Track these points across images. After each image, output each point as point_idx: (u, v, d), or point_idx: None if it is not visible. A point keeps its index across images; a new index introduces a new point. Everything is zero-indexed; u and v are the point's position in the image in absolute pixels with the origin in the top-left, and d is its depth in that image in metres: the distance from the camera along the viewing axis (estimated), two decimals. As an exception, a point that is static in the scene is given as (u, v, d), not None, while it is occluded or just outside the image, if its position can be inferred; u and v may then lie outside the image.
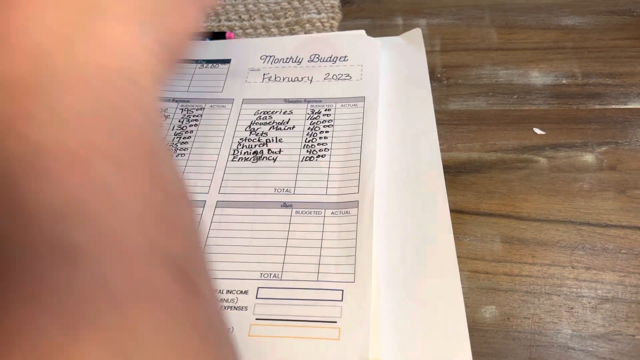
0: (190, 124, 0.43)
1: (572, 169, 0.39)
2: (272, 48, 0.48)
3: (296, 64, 0.46)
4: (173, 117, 0.43)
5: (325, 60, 0.46)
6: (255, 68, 0.46)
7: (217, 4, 0.24)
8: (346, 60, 0.45)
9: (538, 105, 0.43)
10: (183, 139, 0.42)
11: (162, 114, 0.43)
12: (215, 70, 0.47)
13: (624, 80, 0.44)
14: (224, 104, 0.44)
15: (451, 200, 0.36)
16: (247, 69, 0.46)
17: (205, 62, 0.47)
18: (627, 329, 0.31)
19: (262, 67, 0.46)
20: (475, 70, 0.47)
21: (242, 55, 0.48)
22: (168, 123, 0.43)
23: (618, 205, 0.36)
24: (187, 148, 0.41)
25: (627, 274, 0.33)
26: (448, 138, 0.41)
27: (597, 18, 0.50)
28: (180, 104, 0.44)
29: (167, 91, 0.45)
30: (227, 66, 0.47)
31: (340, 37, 0.48)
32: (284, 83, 0.45)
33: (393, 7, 0.54)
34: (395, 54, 0.47)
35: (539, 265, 0.34)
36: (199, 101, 0.44)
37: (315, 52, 0.47)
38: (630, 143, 0.40)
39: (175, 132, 0.42)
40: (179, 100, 0.44)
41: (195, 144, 0.41)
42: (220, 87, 0.45)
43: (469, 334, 0.30)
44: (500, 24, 0.51)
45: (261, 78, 0.46)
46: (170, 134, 0.42)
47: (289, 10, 0.55)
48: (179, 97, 0.45)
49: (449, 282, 0.32)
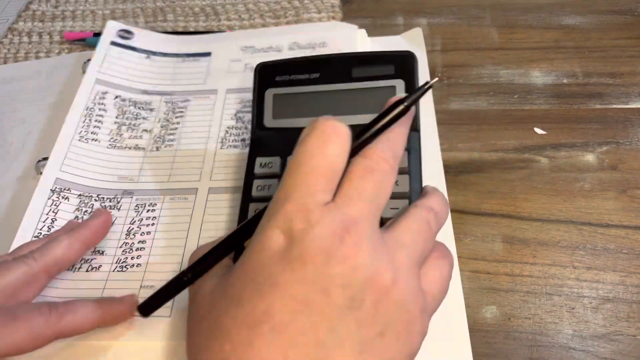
0: (177, 116, 0.43)
1: (573, 169, 0.39)
2: (252, 39, 0.48)
3: (276, 52, 0.46)
4: (158, 110, 0.43)
5: (305, 47, 0.46)
6: (236, 59, 0.47)
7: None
8: (325, 47, 0.46)
9: (539, 105, 0.43)
10: (170, 131, 0.42)
11: (147, 107, 0.43)
12: (196, 63, 0.47)
13: (625, 80, 0.44)
14: (208, 94, 0.44)
15: (452, 200, 0.36)
16: (228, 60, 0.47)
17: (186, 56, 0.47)
18: (628, 329, 0.31)
19: (243, 57, 0.46)
20: (476, 69, 0.46)
21: (222, 47, 0.48)
22: (154, 116, 0.43)
23: (619, 205, 0.36)
24: (174, 139, 0.41)
25: (629, 274, 0.33)
26: (449, 138, 0.41)
27: (598, 17, 0.50)
28: (165, 97, 0.44)
29: (150, 85, 0.45)
30: (208, 59, 0.47)
31: (318, 25, 0.48)
32: None
33: (393, 6, 0.54)
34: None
35: (540, 265, 0.34)
36: (183, 94, 0.45)
37: (294, 40, 0.47)
38: (632, 143, 0.40)
39: (161, 125, 0.42)
40: (163, 93, 0.45)
41: (183, 134, 0.42)
42: (202, 79, 0.46)
43: (469, 334, 0.30)
44: (501, 24, 0.50)
45: (243, 68, 0.46)
46: (157, 126, 0.42)
47: (289, 9, 0.55)
48: (162, 90, 0.45)
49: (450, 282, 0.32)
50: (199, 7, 0.56)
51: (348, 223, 0.22)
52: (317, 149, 0.23)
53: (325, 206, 0.22)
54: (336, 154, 0.23)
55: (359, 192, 0.23)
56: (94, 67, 0.45)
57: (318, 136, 0.23)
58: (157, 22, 0.55)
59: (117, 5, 0.58)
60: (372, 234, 0.22)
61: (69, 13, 0.57)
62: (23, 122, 0.44)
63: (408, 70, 0.34)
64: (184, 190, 0.38)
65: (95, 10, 0.57)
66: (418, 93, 0.26)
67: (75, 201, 0.37)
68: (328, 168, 0.23)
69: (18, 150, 0.42)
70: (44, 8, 0.58)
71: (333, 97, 0.35)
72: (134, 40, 0.48)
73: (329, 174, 0.23)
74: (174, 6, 0.57)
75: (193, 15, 0.55)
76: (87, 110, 0.42)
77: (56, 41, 0.54)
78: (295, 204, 0.22)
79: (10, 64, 0.51)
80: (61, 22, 0.56)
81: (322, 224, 0.21)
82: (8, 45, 0.53)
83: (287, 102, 0.35)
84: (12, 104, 0.46)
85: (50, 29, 0.55)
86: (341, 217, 0.22)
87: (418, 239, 0.24)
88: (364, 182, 0.23)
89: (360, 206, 0.22)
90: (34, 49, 0.53)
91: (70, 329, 0.28)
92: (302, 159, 0.23)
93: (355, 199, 0.22)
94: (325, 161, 0.23)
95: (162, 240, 0.35)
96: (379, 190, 0.23)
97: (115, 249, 0.35)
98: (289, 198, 0.22)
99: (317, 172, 0.23)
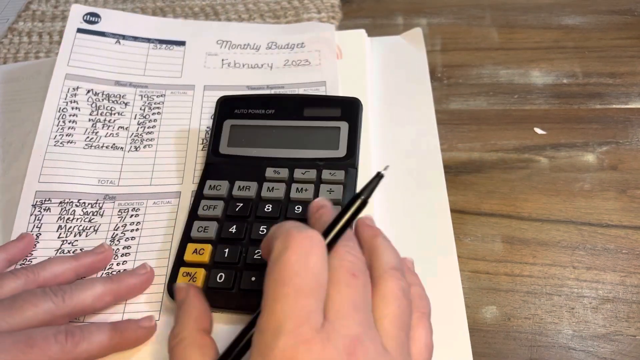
0: (153, 112, 0.42)
1: (573, 169, 0.39)
2: (229, 33, 0.47)
3: (254, 50, 0.46)
4: (133, 105, 0.42)
5: (283, 47, 0.46)
6: (213, 53, 0.46)
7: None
8: (303, 47, 0.46)
9: (539, 105, 0.43)
10: (148, 129, 0.41)
11: (121, 100, 0.42)
12: (170, 52, 0.46)
13: (625, 80, 0.44)
14: (185, 90, 0.44)
15: (452, 200, 0.36)
16: (204, 53, 0.46)
17: (159, 42, 0.46)
18: (628, 329, 0.31)
19: (220, 52, 0.46)
20: (476, 69, 0.46)
21: (197, 37, 0.47)
22: (129, 111, 0.42)
23: (619, 205, 0.36)
24: (153, 139, 0.41)
25: (628, 274, 0.33)
26: (449, 138, 0.41)
27: (598, 18, 0.50)
28: (139, 90, 0.43)
29: (124, 74, 0.44)
30: (183, 48, 0.46)
31: (297, 26, 0.48)
32: (245, 69, 0.45)
33: (393, 6, 0.54)
34: (395, 53, 0.47)
35: (539, 265, 0.34)
36: (158, 87, 0.44)
37: (273, 39, 0.47)
38: (632, 143, 0.40)
39: (138, 122, 0.42)
40: (137, 85, 0.44)
41: (161, 133, 0.41)
42: (179, 71, 0.45)
43: (469, 334, 0.30)
44: (501, 24, 0.50)
45: (220, 64, 0.45)
46: (134, 123, 0.41)
47: (289, 10, 0.55)
48: (136, 81, 0.44)
49: (450, 282, 0.32)
50: (199, 7, 0.56)
51: (352, 347, 0.20)
52: (299, 263, 0.22)
53: (323, 330, 0.21)
54: (319, 266, 0.22)
55: (351, 304, 0.22)
56: (62, 60, 0.43)
57: (297, 250, 0.22)
58: (157, 22, 0.55)
59: (117, 5, 0.58)
60: (375, 345, 0.21)
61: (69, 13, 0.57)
62: (23, 122, 0.44)
63: (353, 114, 0.38)
64: (166, 194, 0.37)
65: (95, 10, 0.57)
66: (372, 186, 0.26)
67: (56, 210, 0.36)
68: (315, 283, 0.22)
69: (18, 150, 0.42)
70: (44, 8, 0.58)
71: (284, 132, 0.38)
72: (102, 24, 0.46)
73: (317, 289, 0.22)
74: (173, 6, 0.57)
75: (193, 15, 0.55)
76: (59, 112, 0.41)
77: (56, 41, 0.53)
78: (292, 336, 0.20)
79: (10, 64, 0.51)
80: (61, 22, 0.56)
81: (326, 352, 0.20)
82: (8, 45, 0.53)
83: (243, 133, 0.38)
84: (12, 104, 0.46)
85: (50, 29, 0.55)
86: (343, 341, 0.20)
87: (405, 315, 0.23)
88: (351, 290, 0.22)
89: (357, 320, 0.21)
90: (34, 49, 0.53)
91: (84, 356, 0.28)
92: (285, 277, 0.21)
93: (350, 313, 0.21)
94: (311, 277, 0.22)
95: (147, 245, 0.35)
96: (366, 292, 0.23)
97: None
98: (283, 330, 0.20)
99: (305, 292, 0.21)
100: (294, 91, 0.43)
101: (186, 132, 0.41)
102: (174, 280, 0.32)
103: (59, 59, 0.43)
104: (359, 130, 0.37)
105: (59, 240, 0.35)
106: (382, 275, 0.24)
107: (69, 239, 0.35)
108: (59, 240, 0.35)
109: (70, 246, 0.35)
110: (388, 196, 0.37)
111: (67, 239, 0.35)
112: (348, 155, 0.36)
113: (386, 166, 0.27)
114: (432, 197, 0.36)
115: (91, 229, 0.36)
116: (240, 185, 0.35)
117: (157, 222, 0.36)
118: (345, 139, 0.37)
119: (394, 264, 0.25)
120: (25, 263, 0.34)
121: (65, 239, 0.35)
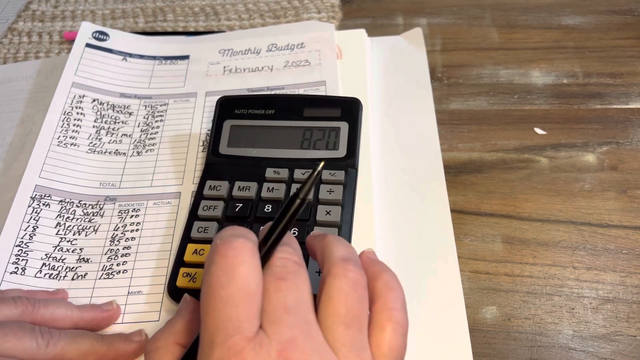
0: (156, 120, 0.43)
1: (573, 169, 0.39)
2: (230, 42, 0.48)
3: (255, 54, 0.46)
4: (137, 114, 0.43)
5: (283, 49, 0.46)
6: (215, 62, 0.46)
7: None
8: (303, 47, 0.46)
9: (539, 105, 0.43)
10: (151, 135, 0.42)
11: (126, 111, 0.43)
12: (174, 66, 0.47)
13: (625, 80, 0.44)
14: (188, 97, 0.44)
15: (452, 200, 0.36)
16: (207, 63, 0.46)
17: (164, 59, 0.47)
18: (628, 329, 0.31)
19: (222, 60, 0.47)
20: (476, 69, 0.46)
21: (200, 51, 0.47)
22: (133, 120, 0.43)
23: (619, 205, 0.36)
24: (155, 144, 0.41)
25: (629, 274, 0.33)
26: (449, 138, 0.41)
27: (598, 18, 0.50)
28: (143, 101, 0.44)
29: (128, 88, 0.45)
30: (186, 62, 0.47)
31: (295, 26, 0.48)
32: (245, 73, 0.45)
33: (393, 6, 0.54)
34: (395, 53, 0.47)
35: (540, 265, 0.34)
36: (162, 97, 0.44)
37: (273, 41, 0.47)
38: (632, 143, 0.40)
39: (142, 129, 0.42)
40: (141, 97, 0.44)
41: (163, 138, 0.41)
42: (182, 82, 0.45)
43: (469, 335, 0.30)
44: (501, 24, 0.50)
45: (222, 71, 0.46)
46: (137, 130, 0.42)
47: (289, 9, 0.55)
48: (140, 94, 0.45)
49: (450, 283, 0.32)
50: (199, 7, 0.56)
51: (285, 351, 0.20)
52: (225, 276, 0.21)
53: (256, 338, 0.21)
54: (246, 274, 0.22)
55: (282, 307, 0.22)
56: (70, 70, 0.44)
57: (222, 262, 0.22)
58: (157, 22, 0.55)
59: (117, 5, 0.58)
60: (314, 345, 0.21)
61: (68, 13, 0.57)
62: (23, 122, 0.44)
63: (353, 114, 0.38)
64: (167, 195, 0.38)
65: (95, 10, 0.57)
66: (308, 184, 0.24)
67: (56, 207, 0.36)
68: (243, 292, 0.21)
69: (18, 150, 0.42)
70: (43, 8, 0.58)
71: (284, 132, 0.38)
72: (110, 42, 0.47)
73: (245, 298, 0.21)
74: (173, 6, 0.57)
75: (193, 15, 0.55)
76: (64, 115, 0.41)
77: (56, 41, 0.54)
78: (224, 347, 0.20)
79: (10, 64, 0.51)
80: (61, 22, 0.56)
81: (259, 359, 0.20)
82: (8, 45, 0.53)
83: (243, 133, 0.38)
84: (12, 104, 0.46)
85: (50, 29, 0.55)
86: (277, 346, 0.20)
87: (352, 312, 0.23)
88: (281, 293, 0.22)
89: (290, 322, 0.21)
90: (34, 49, 0.53)
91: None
92: (212, 290, 0.21)
93: (282, 317, 0.21)
94: (238, 287, 0.21)
95: (147, 245, 0.35)
96: (300, 292, 0.22)
97: (100, 256, 0.35)
98: (215, 342, 0.20)
99: (233, 303, 0.21)
100: (294, 92, 0.43)
101: (187, 136, 0.41)
102: (174, 281, 0.32)
103: (67, 68, 0.44)
104: (359, 130, 0.37)
105: (57, 237, 0.35)
106: (329, 271, 0.24)
107: (67, 237, 0.35)
108: (57, 237, 0.35)
109: (69, 244, 0.35)
110: (388, 196, 0.37)
111: (66, 237, 0.35)
112: (348, 156, 0.36)
113: (322, 163, 0.26)
114: (432, 197, 0.36)
115: (91, 228, 0.36)
116: (240, 186, 0.35)
117: (157, 222, 0.36)
118: (345, 139, 0.37)
119: (342, 255, 0.24)
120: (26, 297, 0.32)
121: (64, 236, 0.35)
